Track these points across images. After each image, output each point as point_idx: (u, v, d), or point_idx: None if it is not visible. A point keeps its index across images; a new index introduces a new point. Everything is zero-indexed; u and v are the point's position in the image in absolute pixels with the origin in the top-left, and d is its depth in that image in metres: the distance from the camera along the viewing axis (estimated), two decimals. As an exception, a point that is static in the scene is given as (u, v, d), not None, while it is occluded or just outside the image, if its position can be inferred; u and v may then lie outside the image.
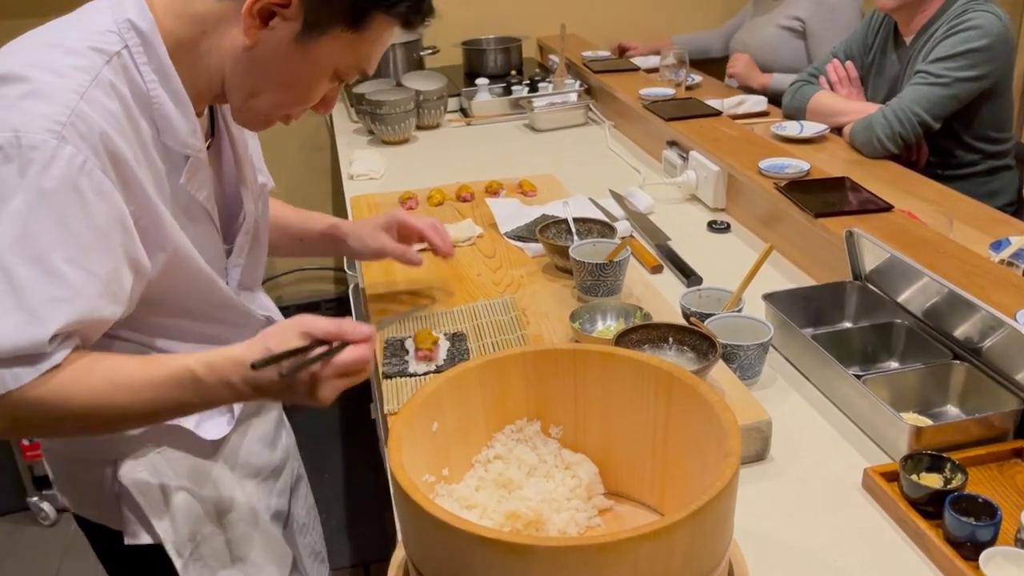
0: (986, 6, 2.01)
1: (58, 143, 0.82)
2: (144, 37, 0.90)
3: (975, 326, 1.12)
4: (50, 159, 0.81)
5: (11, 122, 0.82)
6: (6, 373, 0.82)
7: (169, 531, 1.08)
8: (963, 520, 0.88)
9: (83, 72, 0.85)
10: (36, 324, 0.82)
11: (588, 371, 0.91)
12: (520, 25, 3.00)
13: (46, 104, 0.82)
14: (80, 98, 0.84)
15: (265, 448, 1.23)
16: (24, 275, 0.81)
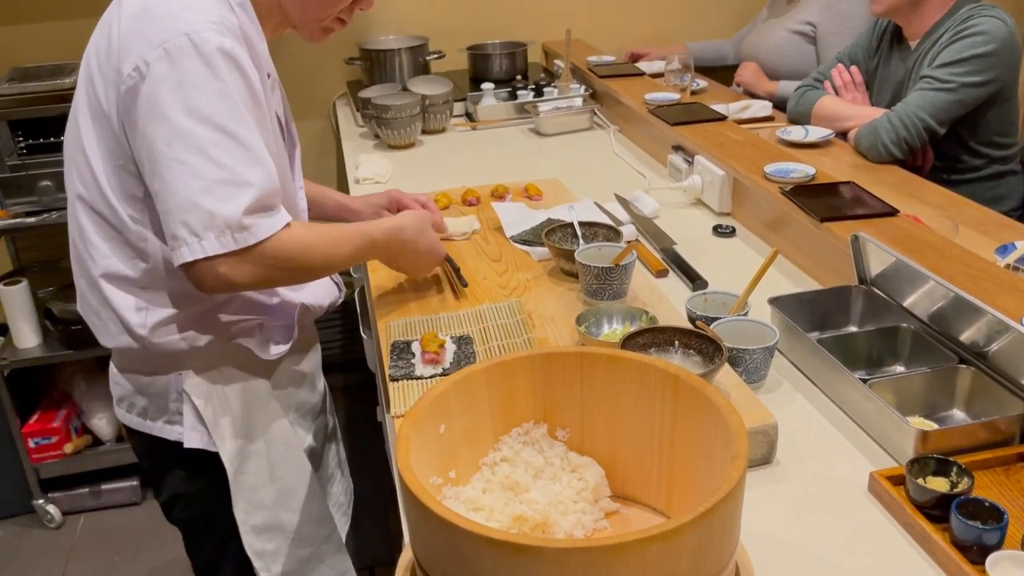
0: (992, 11, 2.01)
1: (219, 36, 1.03)
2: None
3: (981, 330, 1.12)
4: (220, 45, 1.03)
5: (180, 29, 1.02)
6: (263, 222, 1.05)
7: (225, 440, 1.21)
8: (969, 524, 0.88)
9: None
10: (269, 172, 1.06)
11: (595, 374, 0.91)
12: (525, 30, 3.00)
13: (198, 12, 1.04)
14: (217, 6, 1.07)
15: (306, 386, 1.36)
16: (245, 136, 1.04)
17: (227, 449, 1.21)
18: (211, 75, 1.01)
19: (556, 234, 1.52)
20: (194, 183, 1.01)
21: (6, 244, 2.75)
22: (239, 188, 1.02)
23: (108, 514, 2.60)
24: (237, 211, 1.02)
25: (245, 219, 1.03)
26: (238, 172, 1.02)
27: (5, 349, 2.46)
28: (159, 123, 1.01)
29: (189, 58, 1.01)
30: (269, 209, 1.06)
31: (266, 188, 1.05)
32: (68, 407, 2.58)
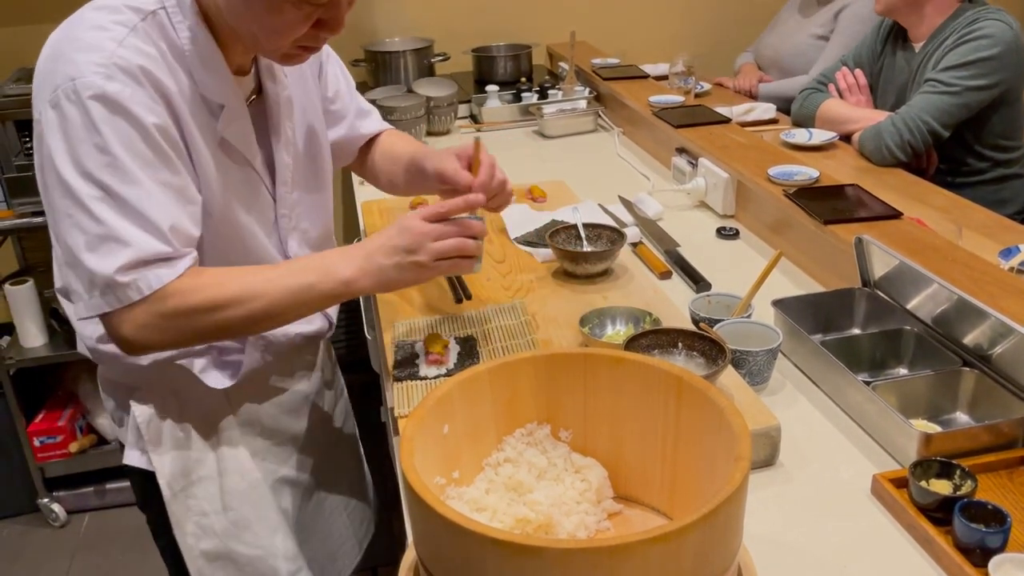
0: (997, 14, 2.01)
1: (105, 80, 0.95)
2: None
3: (984, 333, 1.12)
4: (104, 94, 0.95)
5: (69, 73, 0.96)
6: (150, 275, 0.98)
7: (163, 463, 1.19)
8: (973, 527, 0.88)
9: (121, 26, 0.99)
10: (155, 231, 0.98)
11: (598, 375, 0.92)
12: (530, 33, 3.01)
13: (91, 53, 0.96)
14: (119, 44, 0.98)
15: (285, 415, 1.30)
16: (127, 192, 0.97)
17: (165, 472, 1.19)
18: (90, 125, 0.95)
19: (560, 236, 1.53)
20: (78, 238, 0.97)
21: (12, 244, 2.76)
22: (117, 245, 0.96)
23: (113, 513, 2.61)
24: (111, 269, 0.96)
25: (121, 276, 0.96)
26: (115, 229, 0.96)
27: (11, 348, 2.47)
28: (50, 173, 0.97)
29: (72, 106, 0.95)
30: (158, 263, 0.98)
31: (149, 247, 0.97)
32: (73, 406, 2.59)
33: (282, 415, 1.30)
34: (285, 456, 1.31)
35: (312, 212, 1.25)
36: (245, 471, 1.25)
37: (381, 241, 1.07)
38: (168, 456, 1.20)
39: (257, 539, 1.26)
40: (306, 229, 1.24)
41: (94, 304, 0.98)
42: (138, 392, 1.19)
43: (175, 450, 1.20)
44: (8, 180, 2.32)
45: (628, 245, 1.62)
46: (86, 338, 1.14)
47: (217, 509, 1.23)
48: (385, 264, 1.06)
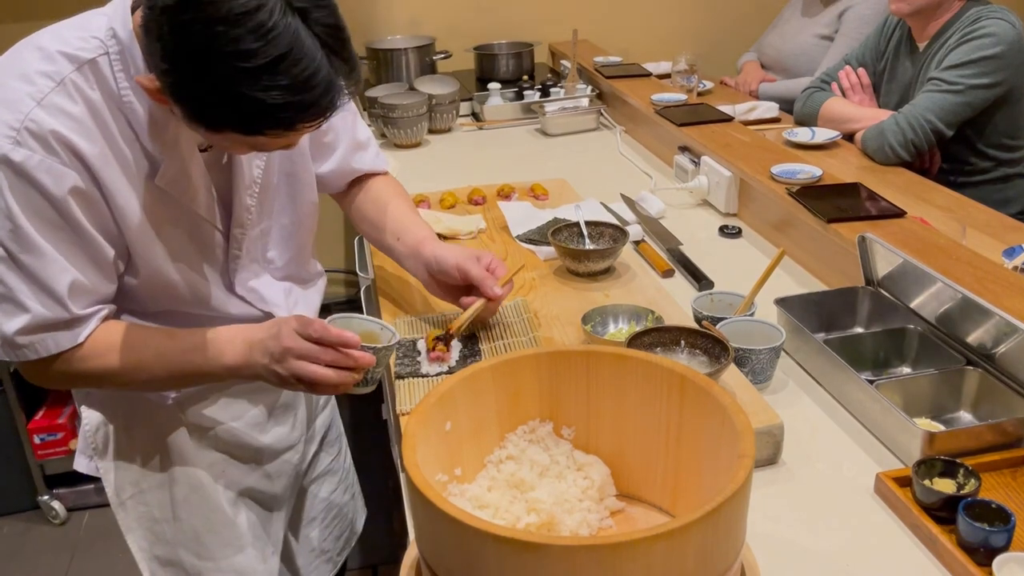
0: (1000, 13, 2.01)
1: (12, 147, 0.92)
2: (123, 47, 0.96)
3: (988, 332, 1.12)
4: (9, 162, 0.92)
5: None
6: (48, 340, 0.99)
7: (108, 470, 1.20)
8: (977, 526, 0.88)
9: (47, 78, 0.94)
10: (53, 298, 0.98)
11: (601, 373, 0.91)
12: (532, 31, 3.01)
13: (6, 111, 0.93)
14: (37, 104, 0.93)
15: (250, 429, 1.26)
16: (27, 260, 0.96)
17: (111, 480, 1.21)
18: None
19: (562, 233, 1.52)
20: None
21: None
22: (15, 307, 0.97)
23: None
24: (11, 330, 0.98)
25: (19, 339, 0.98)
26: (14, 292, 0.97)
27: (11, 345, 2.46)
28: None
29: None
30: (56, 329, 0.99)
31: (42, 315, 0.97)
32: (73, 404, 2.58)
33: (244, 429, 1.25)
34: (248, 470, 1.28)
35: (282, 240, 1.21)
36: (197, 483, 1.23)
37: (261, 337, 1.04)
38: (114, 464, 1.20)
39: (208, 552, 1.25)
40: (272, 259, 1.21)
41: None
42: (88, 397, 1.20)
43: (122, 459, 1.20)
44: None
45: (630, 243, 1.62)
46: None
47: (168, 517, 1.23)
48: (259, 363, 1.04)
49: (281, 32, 0.82)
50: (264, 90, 0.83)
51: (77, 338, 1.01)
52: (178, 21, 0.82)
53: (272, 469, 1.31)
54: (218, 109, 0.85)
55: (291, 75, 0.83)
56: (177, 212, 1.06)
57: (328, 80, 0.86)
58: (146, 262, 1.05)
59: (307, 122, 0.88)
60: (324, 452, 1.44)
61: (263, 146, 0.94)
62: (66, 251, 0.97)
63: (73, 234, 0.97)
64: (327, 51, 0.86)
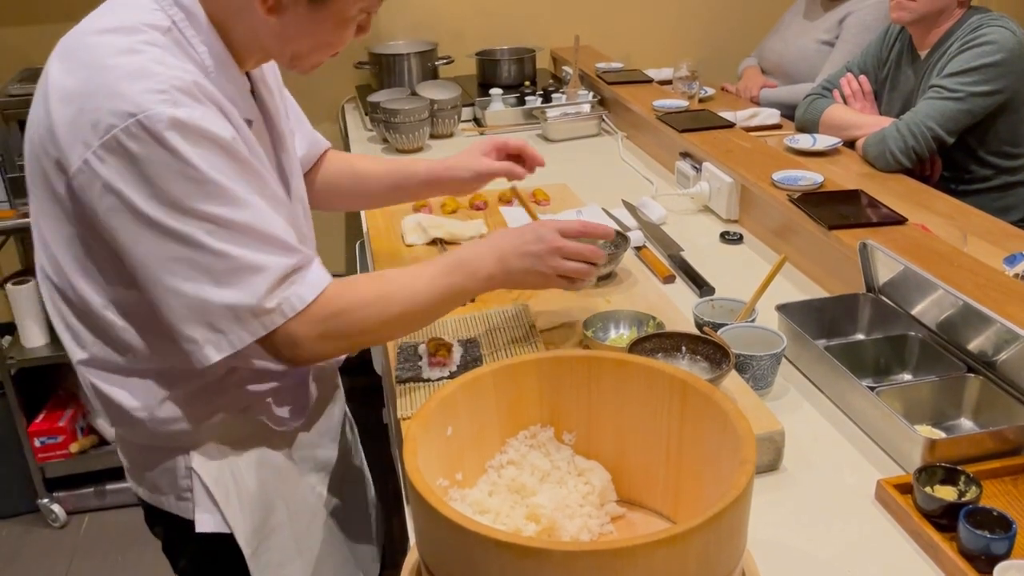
0: (1001, 21, 2.02)
1: (172, 107, 0.87)
2: (188, 11, 0.94)
3: (989, 339, 1.12)
4: (174, 122, 0.87)
5: (124, 110, 0.86)
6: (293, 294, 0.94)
7: (239, 521, 1.09)
8: (978, 533, 0.88)
9: (151, 45, 0.90)
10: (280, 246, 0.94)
11: (602, 378, 0.91)
12: (534, 36, 3.01)
13: (141, 81, 0.87)
14: (161, 65, 0.89)
15: (329, 442, 1.26)
16: (241, 216, 0.91)
17: (242, 530, 1.10)
18: (173, 159, 0.87)
19: None
20: (200, 279, 0.90)
21: (15, 244, 2.76)
22: (249, 273, 0.91)
23: (112, 514, 2.60)
24: (256, 297, 0.91)
25: (267, 302, 0.92)
26: (244, 257, 0.91)
27: (13, 348, 2.47)
28: (134, 223, 0.88)
29: (142, 144, 0.86)
30: (297, 277, 0.95)
31: (281, 264, 0.93)
32: (74, 407, 2.59)
33: (327, 443, 1.24)
34: (331, 483, 1.26)
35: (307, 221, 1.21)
36: (311, 508, 1.20)
37: (515, 244, 1.11)
38: (242, 513, 1.10)
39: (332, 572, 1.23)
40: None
41: (235, 340, 0.92)
42: (196, 451, 1.08)
43: (249, 505, 1.11)
44: (11, 180, 2.32)
45: (632, 249, 1.62)
46: (132, 412, 1.03)
47: (292, 556, 1.17)
48: (516, 267, 1.11)
49: None
50: None
51: (321, 281, 0.96)
52: None
53: (337, 476, 1.28)
54: None
55: None
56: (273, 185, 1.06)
57: None
58: None
59: None
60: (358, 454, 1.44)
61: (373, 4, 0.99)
62: (259, 195, 0.94)
63: (254, 177, 0.95)
64: None
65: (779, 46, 2.80)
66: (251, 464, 1.12)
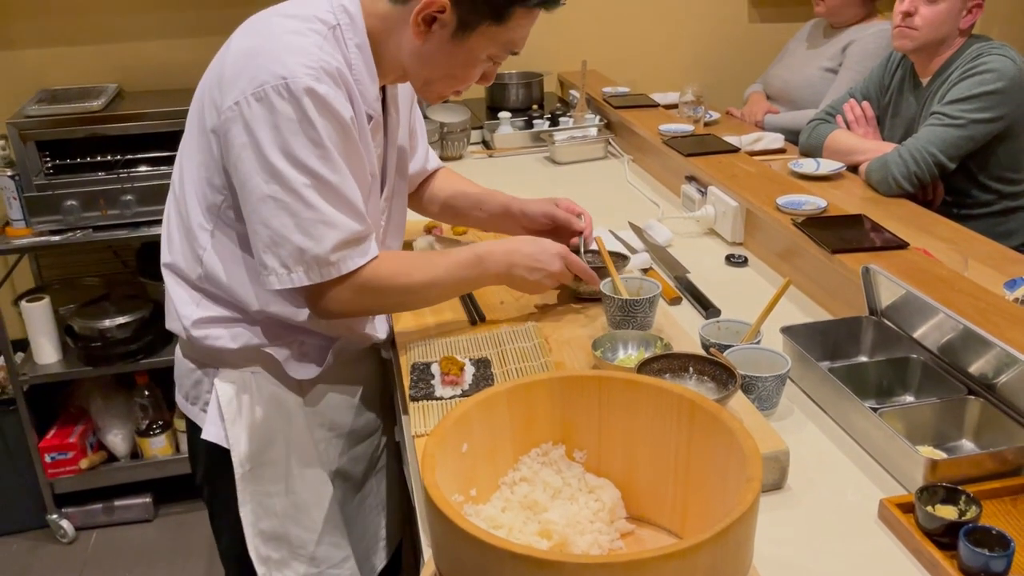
0: (1001, 49, 2.06)
1: (315, 81, 1.09)
2: (351, 18, 1.17)
3: (990, 362, 1.14)
4: (315, 92, 1.08)
5: (278, 72, 1.08)
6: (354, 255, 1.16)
7: (238, 440, 1.26)
8: (977, 551, 0.90)
9: (316, 33, 1.13)
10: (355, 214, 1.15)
11: (613, 397, 0.94)
12: (541, 61, 3.06)
13: (299, 56, 1.09)
14: (319, 49, 1.12)
15: (349, 410, 1.40)
16: (336, 180, 1.12)
17: (239, 450, 1.27)
18: (304, 119, 1.08)
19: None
20: (286, 220, 1.10)
21: (29, 262, 2.80)
22: (328, 228, 1.12)
23: (120, 530, 2.62)
24: (326, 249, 1.12)
25: (332, 255, 1.13)
26: (327, 214, 1.11)
27: (25, 365, 2.50)
28: (256, 160, 1.09)
29: (285, 102, 1.07)
30: (357, 243, 1.16)
31: (352, 228, 1.14)
32: (85, 423, 2.61)
33: (344, 409, 1.39)
34: (343, 449, 1.40)
35: (397, 228, 1.41)
36: (308, 457, 1.33)
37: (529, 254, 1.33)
38: (244, 435, 1.27)
39: (313, 523, 1.33)
40: (390, 246, 1.39)
41: (295, 278, 1.13)
42: (222, 371, 1.28)
43: (251, 430, 1.27)
44: (28, 199, 2.36)
45: (638, 271, 1.65)
46: (183, 318, 1.25)
47: (280, 491, 1.30)
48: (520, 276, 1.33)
49: None
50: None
51: (371, 251, 1.18)
52: None
53: (358, 452, 1.43)
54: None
55: None
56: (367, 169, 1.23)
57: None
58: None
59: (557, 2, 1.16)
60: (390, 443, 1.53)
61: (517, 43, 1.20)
62: (354, 171, 1.15)
63: (354, 157, 1.16)
64: None
65: (784, 73, 2.85)
66: (264, 397, 1.29)
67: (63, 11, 2.69)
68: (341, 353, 1.35)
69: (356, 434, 1.42)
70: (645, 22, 3.22)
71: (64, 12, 2.69)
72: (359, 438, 1.43)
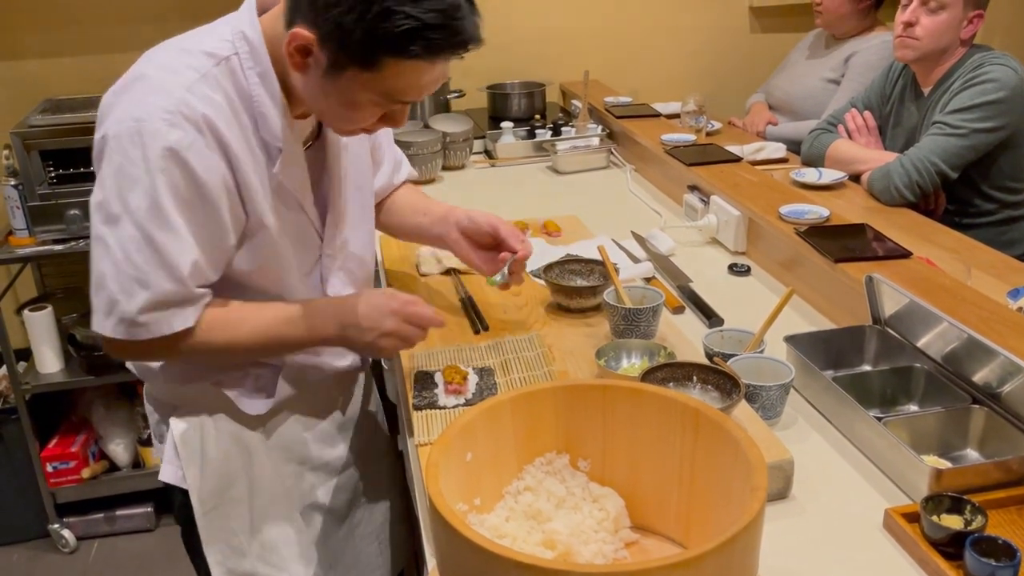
0: (1003, 59, 2.06)
1: (168, 128, 1.02)
2: (252, 45, 1.08)
3: (994, 372, 1.14)
4: (164, 141, 1.01)
5: (135, 114, 1.02)
6: (163, 321, 1.07)
7: (196, 480, 1.23)
8: (983, 561, 0.90)
9: (193, 70, 1.05)
10: (176, 278, 1.06)
11: (617, 406, 0.94)
12: (544, 71, 3.07)
13: (160, 97, 1.03)
14: (187, 90, 1.04)
15: (319, 442, 1.34)
16: (161, 240, 1.04)
17: (196, 488, 1.24)
18: (147, 170, 1.01)
19: (553, 271, 1.55)
20: (108, 266, 1.05)
21: (32, 271, 2.80)
22: (140, 287, 1.04)
23: (122, 540, 2.61)
24: (133, 308, 1.05)
25: (140, 316, 1.05)
26: (143, 272, 1.04)
27: (28, 374, 2.50)
28: (99, 197, 1.05)
29: (135, 147, 1.01)
30: (172, 307, 1.07)
31: (166, 290, 1.05)
32: (87, 432, 2.61)
33: (316, 443, 1.34)
34: (318, 482, 1.35)
35: (359, 252, 1.32)
36: (275, 495, 1.29)
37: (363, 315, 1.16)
38: (201, 474, 1.24)
39: (282, 561, 1.29)
40: (352, 269, 1.31)
41: (107, 327, 1.07)
42: (178, 410, 1.24)
43: (209, 469, 1.24)
44: (32, 208, 2.36)
45: (641, 280, 1.65)
46: (134, 363, 1.22)
47: (246, 529, 1.27)
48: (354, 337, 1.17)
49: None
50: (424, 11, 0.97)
51: (188, 320, 1.09)
52: None
53: (337, 483, 1.38)
54: (380, 30, 0.97)
55: (444, 1, 0.98)
56: (288, 206, 1.17)
57: (471, 19, 1.02)
58: (263, 248, 1.15)
59: (453, 51, 1.02)
60: (383, 468, 1.50)
61: (401, 92, 1.05)
62: (196, 231, 1.06)
63: (206, 215, 1.07)
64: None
65: (785, 83, 2.85)
66: (221, 435, 1.24)
67: (67, 22, 2.70)
68: (299, 383, 1.28)
69: (331, 466, 1.37)
70: (647, 32, 3.23)
71: (68, 23, 2.70)
72: (335, 469, 1.38)
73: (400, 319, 1.16)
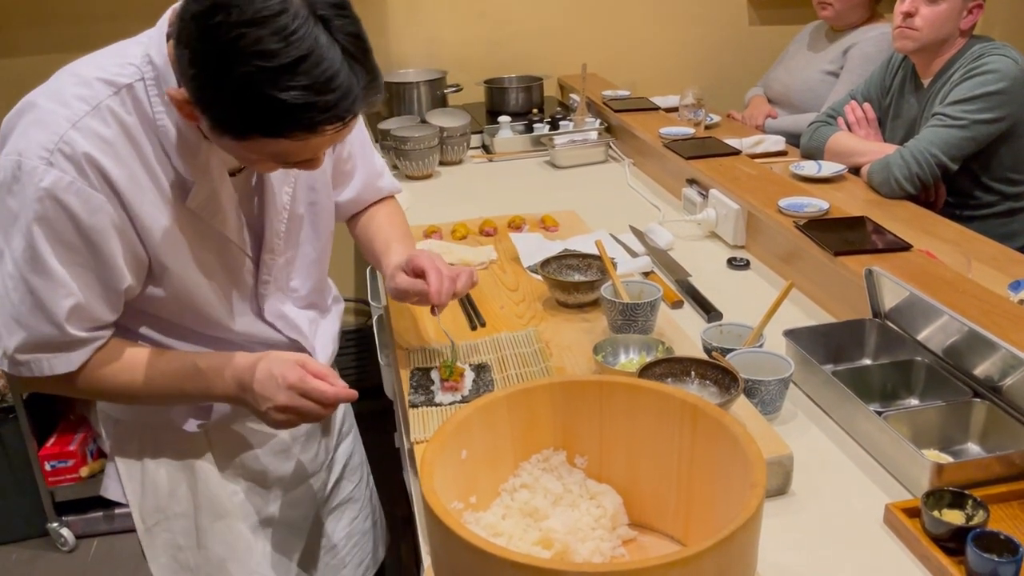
0: (1003, 50, 2.04)
1: (45, 167, 0.95)
2: (158, 71, 0.99)
3: (995, 365, 1.13)
4: (40, 181, 0.95)
5: (18, 147, 0.96)
6: (43, 362, 1.03)
7: (136, 495, 1.23)
8: (985, 556, 0.89)
9: (83, 102, 0.97)
10: (52, 321, 1.01)
11: (614, 403, 0.93)
12: (541, 65, 3.05)
13: (42, 132, 0.96)
14: (71, 126, 0.96)
15: (270, 457, 1.30)
16: (35, 283, 0.99)
17: (137, 503, 1.23)
18: (21, 211, 0.96)
19: (551, 265, 1.54)
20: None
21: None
22: (16, 327, 1.01)
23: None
24: (10, 347, 1.02)
25: (18, 356, 1.02)
26: (19, 312, 1.00)
27: (25, 372, 2.48)
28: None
29: (14, 183, 0.96)
30: (52, 350, 1.03)
31: (42, 333, 1.01)
32: (85, 430, 2.60)
33: (266, 457, 1.30)
34: (272, 496, 1.32)
35: (305, 270, 1.25)
36: (222, 510, 1.26)
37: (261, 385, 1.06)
38: (141, 490, 1.23)
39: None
40: (296, 287, 1.25)
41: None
42: (120, 424, 1.23)
43: (149, 485, 1.23)
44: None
45: (640, 275, 1.64)
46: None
47: (192, 545, 1.25)
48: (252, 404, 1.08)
49: (303, 35, 0.85)
50: (285, 90, 0.85)
51: (72, 364, 1.05)
52: (205, 26, 0.85)
53: (295, 496, 1.34)
54: (243, 110, 0.87)
55: (311, 76, 0.86)
56: (207, 235, 1.09)
57: (348, 85, 0.89)
58: (176, 281, 1.08)
59: (328, 124, 0.90)
60: (346, 480, 1.46)
61: (291, 155, 0.96)
62: (77, 275, 1.00)
63: (90, 258, 1.00)
64: (348, 57, 0.89)
65: (784, 76, 2.84)
66: (162, 450, 1.23)
67: (65, 19, 2.69)
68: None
69: (286, 480, 1.32)
70: (645, 25, 3.21)
71: (66, 20, 2.69)
72: (292, 482, 1.33)
73: (296, 394, 1.04)
